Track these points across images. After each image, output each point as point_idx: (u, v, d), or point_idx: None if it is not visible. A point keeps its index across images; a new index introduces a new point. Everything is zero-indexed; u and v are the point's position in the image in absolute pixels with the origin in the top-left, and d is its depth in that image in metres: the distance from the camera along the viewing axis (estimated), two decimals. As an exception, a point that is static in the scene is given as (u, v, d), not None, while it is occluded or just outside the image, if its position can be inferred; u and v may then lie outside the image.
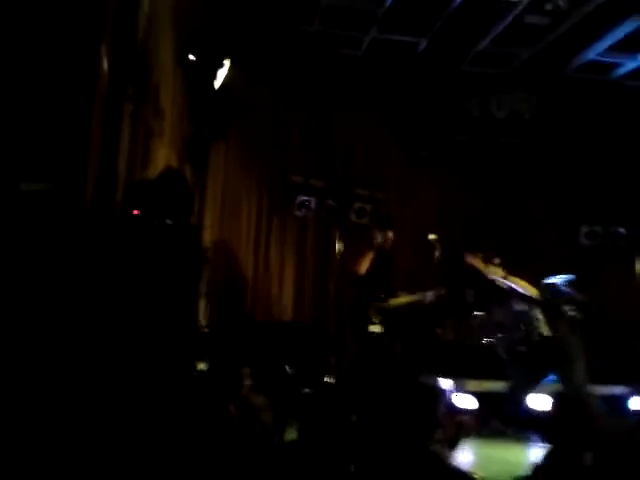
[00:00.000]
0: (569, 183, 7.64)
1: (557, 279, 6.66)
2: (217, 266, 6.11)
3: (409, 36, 6.84)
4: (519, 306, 5.48)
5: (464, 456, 4.27)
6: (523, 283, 5.47)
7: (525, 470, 2.37)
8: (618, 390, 6.06)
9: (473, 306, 6.79)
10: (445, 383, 5.62)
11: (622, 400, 5.79)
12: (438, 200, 7.56)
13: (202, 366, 3.96)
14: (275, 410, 2.28)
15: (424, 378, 3.82)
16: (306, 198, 6.54)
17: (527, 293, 5.51)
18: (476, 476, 3.75)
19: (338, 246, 6.71)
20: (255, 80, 6.59)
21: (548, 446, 2.42)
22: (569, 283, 6.63)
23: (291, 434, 3.57)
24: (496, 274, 5.32)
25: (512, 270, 5.46)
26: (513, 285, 5.49)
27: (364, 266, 5.33)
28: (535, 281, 5.86)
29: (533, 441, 4.76)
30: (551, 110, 7.70)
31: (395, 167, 7.47)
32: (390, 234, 5.49)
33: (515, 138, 7.73)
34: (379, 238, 5.38)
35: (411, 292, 5.38)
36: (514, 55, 7.19)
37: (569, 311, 6.48)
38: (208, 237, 5.83)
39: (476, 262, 5.15)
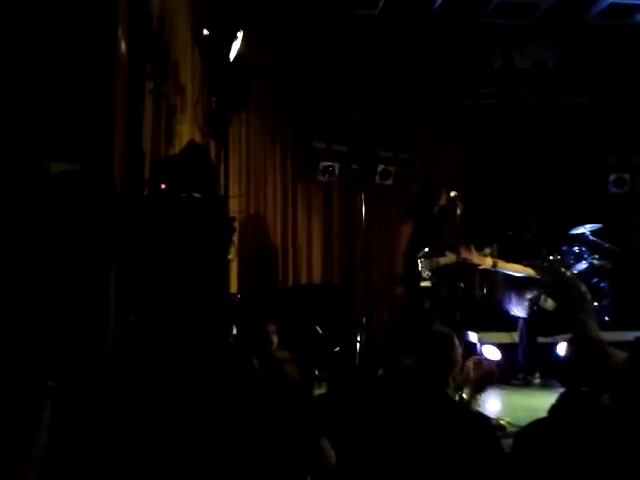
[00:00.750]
0: (596, 131, 7.52)
1: (585, 228, 6.67)
2: (246, 234, 6.29)
3: (426, -8, 6.79)
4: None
5: (491, 404, 4.42)
6: (516, 267, 5.61)
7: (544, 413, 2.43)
8: (649, 335, 6.10)
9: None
10: (472, 336, 5.76)
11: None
12: (464, 157, 7.55)
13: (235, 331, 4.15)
14: (299, 363, 2.44)
15: (437, 326, 3.96)
16: (330, 163, 6.63)
17: (523, 275, 5.64)
18: (502, 422, 3.92)
19: (364, 208, 6.81)
20: (272, 49, 6.62)
21: (564, 388, 2.46)
22: (597, 232, 6.63)
23: (320, 389, 3.78)
24: (486, 264, 5.48)
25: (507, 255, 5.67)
26: (506, 271, 5.63)
27: (404, 240, 5.40)
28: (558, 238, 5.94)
29: (558, 388, 4.89)
30: (576, 58, 7.54)
31: (418, 127, 7.46)
32: (444, 192, 5.53)
33: (540, 88, 7.62)
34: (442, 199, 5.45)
35: (457, 250, 5.47)
36: (534, 4, 7.05)
37: (596, 260, 6.51)
38: (235, 207, 5.99)
39: (470, 255, 5.31)
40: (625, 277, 7.01)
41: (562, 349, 4.94)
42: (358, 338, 5.92)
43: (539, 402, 4.56)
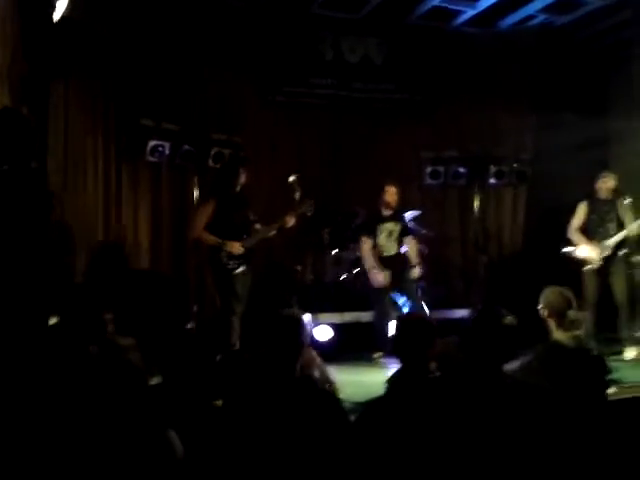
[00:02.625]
0: (415, 126, 8.01)
1: (405, 216, 7.12)
2: (64, 216, 5.72)
3: (260, -25, 6.70)
4: None
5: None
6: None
7: (380, 388, 2.53)
8: (460, 313, 6.74)
9: (329, 245, 7.08)
10: (305, 318, 5.88)
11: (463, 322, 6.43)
12: (296, 144, 7.61)
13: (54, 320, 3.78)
14: (143, 350, 2.27)
15: (285, 310, 3.96)
16: (159, 143, 6.28)
17: None
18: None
19: (196, 192, 6.58)
20: (100, 13, 6.06)
21: (398, 363, 2.59)
22: (416, 219, 7.12)
23: (155, 379, 3.58)
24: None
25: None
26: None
27: (200, 225, 5.18)
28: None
29: (389, 364, 5.18)
30: (400, 56, 7.96)
31: (252, 111, 7.35)
32: (242, 171, 5.35)
33: (367, 83, 7.93)
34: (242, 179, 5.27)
35: (266, 224, 5.38)
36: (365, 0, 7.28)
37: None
38: (54, 183, 5.44)
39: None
40: (438, 260, 7.61)
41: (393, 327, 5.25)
42: (189, 326, 5.74)
43: (369, 377, 4.78)
